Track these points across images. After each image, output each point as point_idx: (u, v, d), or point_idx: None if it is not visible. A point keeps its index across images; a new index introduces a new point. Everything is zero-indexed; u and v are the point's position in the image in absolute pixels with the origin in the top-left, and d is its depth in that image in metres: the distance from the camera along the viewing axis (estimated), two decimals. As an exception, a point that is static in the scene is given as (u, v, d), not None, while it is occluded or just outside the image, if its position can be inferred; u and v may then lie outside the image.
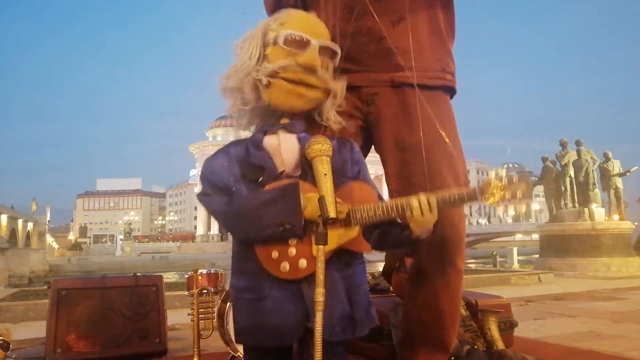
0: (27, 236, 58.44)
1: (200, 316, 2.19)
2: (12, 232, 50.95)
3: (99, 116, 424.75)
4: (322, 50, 1.25)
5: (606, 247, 10.39)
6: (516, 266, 18.20)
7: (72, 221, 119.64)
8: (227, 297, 2.21)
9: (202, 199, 1.21)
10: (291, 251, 1.12)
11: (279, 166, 1.20)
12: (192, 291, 2.21)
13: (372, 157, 1.64)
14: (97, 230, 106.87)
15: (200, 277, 2.26)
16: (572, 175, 11.96)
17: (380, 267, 2.63)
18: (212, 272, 2.33)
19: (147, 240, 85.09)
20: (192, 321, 2.20)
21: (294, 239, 1.11)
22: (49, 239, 76.45)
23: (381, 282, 2.55)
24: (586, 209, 11.26)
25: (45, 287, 9.06)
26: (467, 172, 1.64)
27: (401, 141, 1.50)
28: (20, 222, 55.08)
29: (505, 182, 1.11)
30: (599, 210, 11.44)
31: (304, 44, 1.23)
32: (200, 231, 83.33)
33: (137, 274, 2.80)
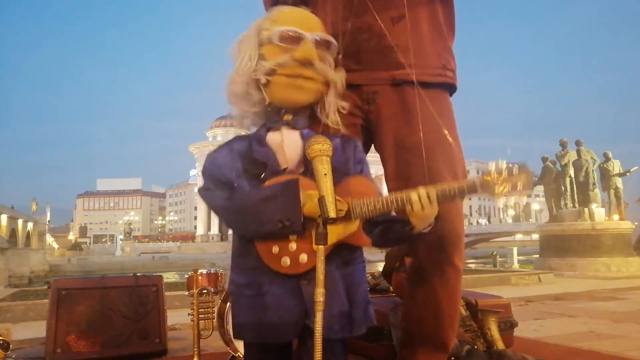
0: (27, 236, 58.47)
1: (200, 316, 2.19)
2: (12, 232, 50.97)
3: (99, 116, 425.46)
4: (317, 43, 1.25)
5: (606, 247, 10.41)
6: (516, 266, 18.22)
7: (72, 221, 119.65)
8: (227, 297, 2.21)
9: (204, 193, 1.20)
10: (292, 246, 1.11)
11: (282, 163, 1.19)
12: (192, 291, 2.21)
13: (372, 157, 1.63)
14: (97, 230, 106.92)
15: (200, 277, 2.25)
16: (572, 175, 11.98)
17: (380, 267, 2.63)
18: (212, 272, 2.32)
19: (147, 240, 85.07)
20: (192, 321, 2.20)
21: (294, 235, 1.11)
22: (49, 239, 76.50)
23: (381, 282, 2.55)
24: (586, 209, 11.27)
25: (45, 287, 9.06)
26: (467, 172, 1.63)
27: (401, 140, 1.50)
28: (20, 222, 55.11)
29: (505, 173, 1.10)
30: (599, 210, 11.46)
31: (298, 39, 1.22)
32: (200, 231, 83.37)
33: (137, 274, 2.80)
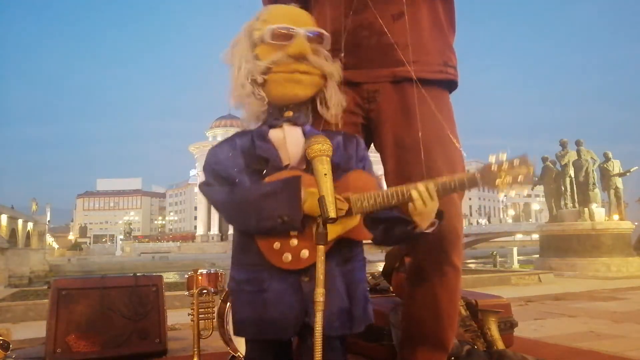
0: (27, 236, 58.48)
1: (200, 316, 2.19)
2: (12, 232, 50.99)
3: (99, 116, 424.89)
4: (310, 37, 1.25)
5: (606, 247, 10.41)
6: (516, 266, 18.21)
7: (72, 221, 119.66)
8: (227, 297, 2.21)
9: (204, 188, 1.20)
10: (293, 242, 1.11)
11: (284, 159, 1.19)
12: (192, 291, 2.22)
13: (372, 157, 1.63)
14: (97, 230, 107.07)
15: (200, 277, 2.26)
16: (572, 175, 11.98)
17: (380, 267, 2.63)
18: (212, 272, 2.33)
19: (147, 240, 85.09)
20: (192, 321, 2.20)
21: (293, 231, 1.11)
22: (49, 239, 76.55)
23: (381, 282, 2.55)
24: (586, 209, 11.27)
25: (45, 287, 9.07)
26: (467, 171, 1.63)
27: (401, 140, 1.49)
28: (20, 222, 55.12)
29: (506, 166, 1.09)
30: (599, 210, 11.46)
31: (290, 35, 1.22)
32: (200, 231, 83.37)
33: (137, 274, 2.81)
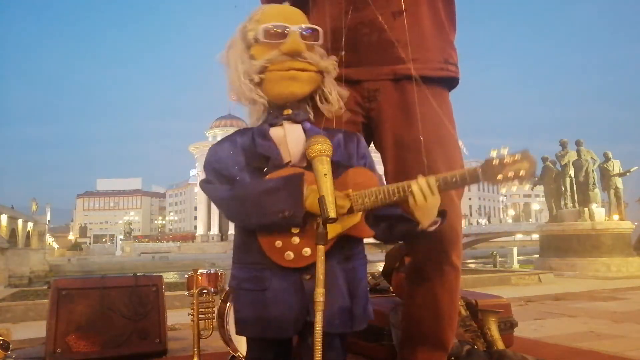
0: (27, 236, 58.50)
1: (200, 316, 2.19)
2: (12, 232, 51.01)
3: (99, 116, 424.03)
4: (304, 34, 1.24)
5: (606, 247, 10.41)
6: (516, 266, 18.22)
7: (72, 221, 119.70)
8: (227, 297, 2.21)
9: (205, 186, 1.20)
10: (294, 240, 1.11)
11: (285, 157, 1.19)
12: (192, 291, 2.22)
13: (373, 157, 1.63)
14: (97, 230, 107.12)
15: (200, 277, 2.26)
16: (572, 175, 11.98)
17: (380, 267, 2.63)
18: (212, 272, 2.33)
19: (147, 240, 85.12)
20: (192, 321, 2.20)
21: (296, 228, 1.11)
22: (49, 239, 76.58)
23: (381, 282, 2.55)
24: (586, 209, 11.27)
25: (45, 287, 9.07)
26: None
27: (400, 139, 1.49)
28: (20, 222, 55.15)
29: (507, 160, 1.09)
30: (599, 210, 11.46)
31: (284, 33, 1.22)
32: (200, 231, 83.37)
33: (137, 274, 2.81)
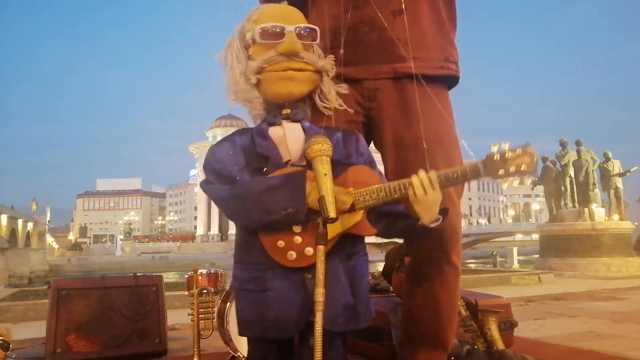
0: (27, 236, 58.48)
1: (200, 316, 2.19)
2: (12, 232, 50.98)
3: (99, 116, 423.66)
4: (300, 34, 1.24)
5: (606, 247, 10.41)
6: (516, 266, 18.22)
7: (72, 221, 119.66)
8: (227, 297, 2.21)
9: (206, 187, 1.20)
10: (297, 239, 1.11)
11: (285, 156, 1.19)
12: (192, 291, 2.22)
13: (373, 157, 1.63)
14: (97, 230, 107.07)
15: (200, 277, 2.26)
16: (572, 175, 11.98)
17: (380, 267, 2.64)
18: (212, 272, 2.33)
19: (147, 240, 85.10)
20: (192, 321, 2.20)
21: (298, 227, 1.11)
22: (49, 239, 76.55)
23: (381, 282, 2.55)
24: (586, 209, 11.27)
25: (45, 287, 9.07)
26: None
27: (400, 138, 1.49)
28: (20, 222, 55.12)
29: (509, 155, 1.09)
30: (599, 210, 11.45)
31: (280, 33, 1.22)
32: (200, 231, 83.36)
33: (137, 274, 2.81)
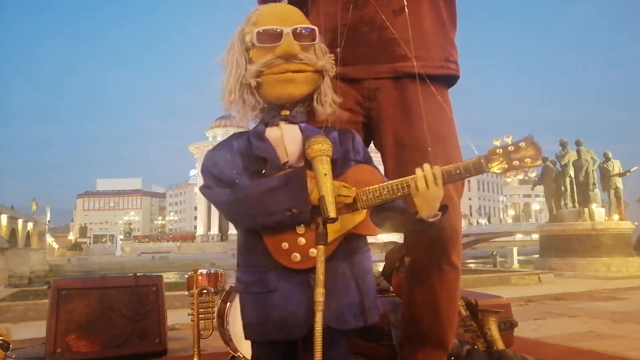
0: (27, 236, 58.46)
1: (200, 316, 2.19)
2: (12, 232, 50.97)
3: (99, 116, 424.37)
4: (298, 34, 1.23)
5: (606, 247, 10.41)
6: (516, 266, 18.24)
7: (72, 221, 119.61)
8: (227, 297, 2.21)
9: (205, 191, 1.19)
10: (300, 241, 1.11)
11: (282, 157, 1.18)
12: (192, 291, 2.22)
13: (373, 157, 1.63)
14: (97, 230, 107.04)
15: (200, 277, 2.26)
16: (572, 175, 11.97)
17: (380, 267, 2.63)
18: (212, 272, 2.33)
19: (147, 240, 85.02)
20: (192, 321, 2.20)
21: (302, 228, 1.11)
22: (49, 239, 76.52)
23: (381, 282, 2.55)
24: (586, 209, 11.27)
25: (45, 287, 9.08)
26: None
27: (400, 138, 1.49)
28: (20, 222, 55.10)
29: (511, 148, 1.08)
30: (599, 210, 11.45)
31: (277, 35, 1.21)
32: (200, 231, 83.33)
33: (137, 274, 2.81)
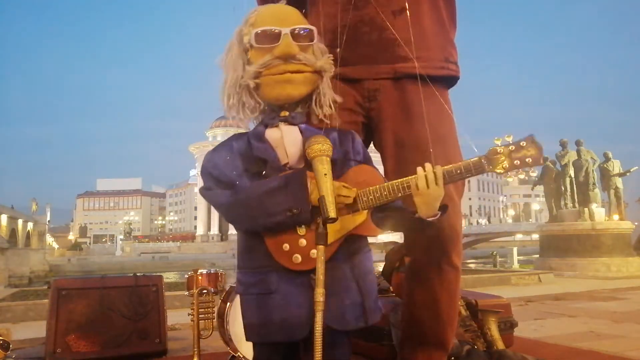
0: (27, 236, 58.45)
1: (200, 316, 2.19)
2: (12, 232, 50.96)
3: (99, 116, 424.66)
4: (296, 35, 1.22)
5: (606, 247, 10.41)
6: (516, 266, 18.25)
7: (72, 221, 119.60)
8: (227, 297, 2.21)
9: (205, 193, 1.19)
10: (301, 242, 1.11)
11: (283, 158, 1.18)
12: (192, 291, 2.22)
13: (373, 157, 1.63)
14: (97, 230, 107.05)
15: (200, 277, 2.26)
16: (572, 175, 11.98)
17: (380, 267, 2.63)
18: (212, 272, 2.33)
19: (147, 240, 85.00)
20: (192, 321, 2.20)
21: (302, 230, 1.10)
22: (49, 239, 76.51)
23: (381, 282, 2.54)
24: (586, 209, 11.27)
25: (45, 287, 9.09)
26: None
27: (400, 139, 1.49)
28: (20, 222, 55.09)
29: (512, 148, 1.07)
30: (599, 210, 11.45)
31: (275, 36, 1.21)
32: (200, 231, 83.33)
33: (137, 274, 2.81)
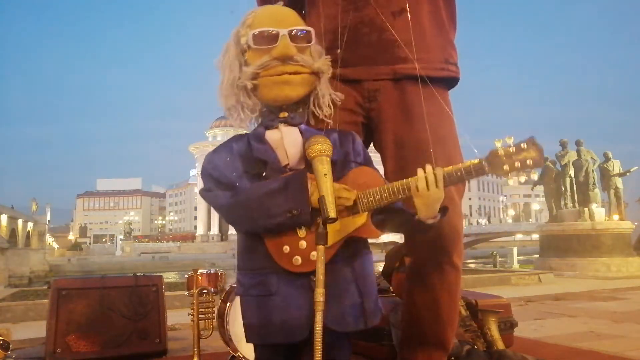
0: (27, 236, 58.45)
1: (200, 316, 2.19)
2: (12, 232, 50.96)
3: (99, 116, 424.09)
4: (294, 36, 1.23)
5: (606, 247, 10.41)
6: (516, 266, 18.25)
7: (72, 221, 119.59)
8: (227, 297, 2.21)
9: (205, 194, 1.19)
10: (302, 244, 1.10)
11: (283, 160, 1.18)
12: (192, 291, 2.22)
13: (373, 157, 1.63)
14: (97, 230, 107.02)
15: (200, 277, 2.26)
16: (572, 175, 11.98)
17: (380, 267, 2.63)
18: (212, 272, 2.33)
19: (147, 240, 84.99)
20: (192, 321, 2.20)
21: (303, 231, 1.10)
22: (49, 239, 76.51)
23: (381, 282, 2.54)
24: (586, 209, 11.27)
25: (45, 287, 9.08)
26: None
27: (400, 139, 1.49)
28: (20, 222, 55.10)
29: (513, 150, 1.07)
30: (599, 210, 11.45)
31: (273, 37, 1.21)
32: (200, 231, 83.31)
33: (137, 274, 2.81)
